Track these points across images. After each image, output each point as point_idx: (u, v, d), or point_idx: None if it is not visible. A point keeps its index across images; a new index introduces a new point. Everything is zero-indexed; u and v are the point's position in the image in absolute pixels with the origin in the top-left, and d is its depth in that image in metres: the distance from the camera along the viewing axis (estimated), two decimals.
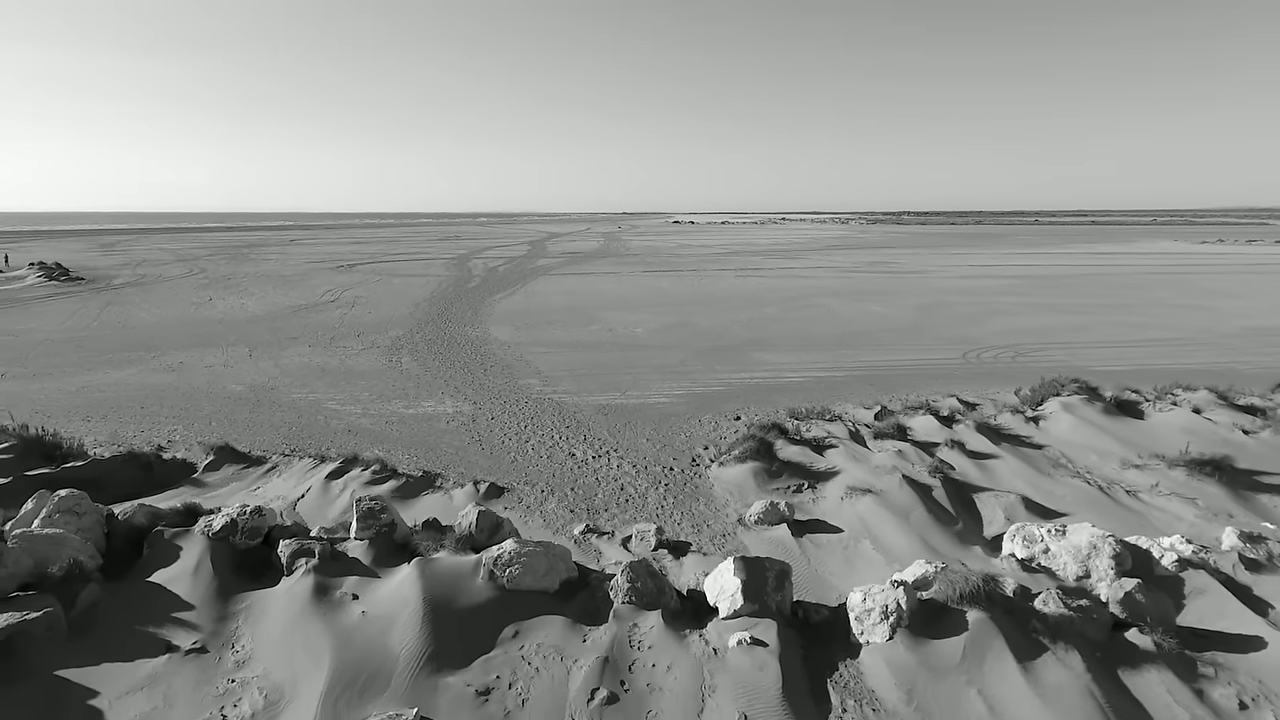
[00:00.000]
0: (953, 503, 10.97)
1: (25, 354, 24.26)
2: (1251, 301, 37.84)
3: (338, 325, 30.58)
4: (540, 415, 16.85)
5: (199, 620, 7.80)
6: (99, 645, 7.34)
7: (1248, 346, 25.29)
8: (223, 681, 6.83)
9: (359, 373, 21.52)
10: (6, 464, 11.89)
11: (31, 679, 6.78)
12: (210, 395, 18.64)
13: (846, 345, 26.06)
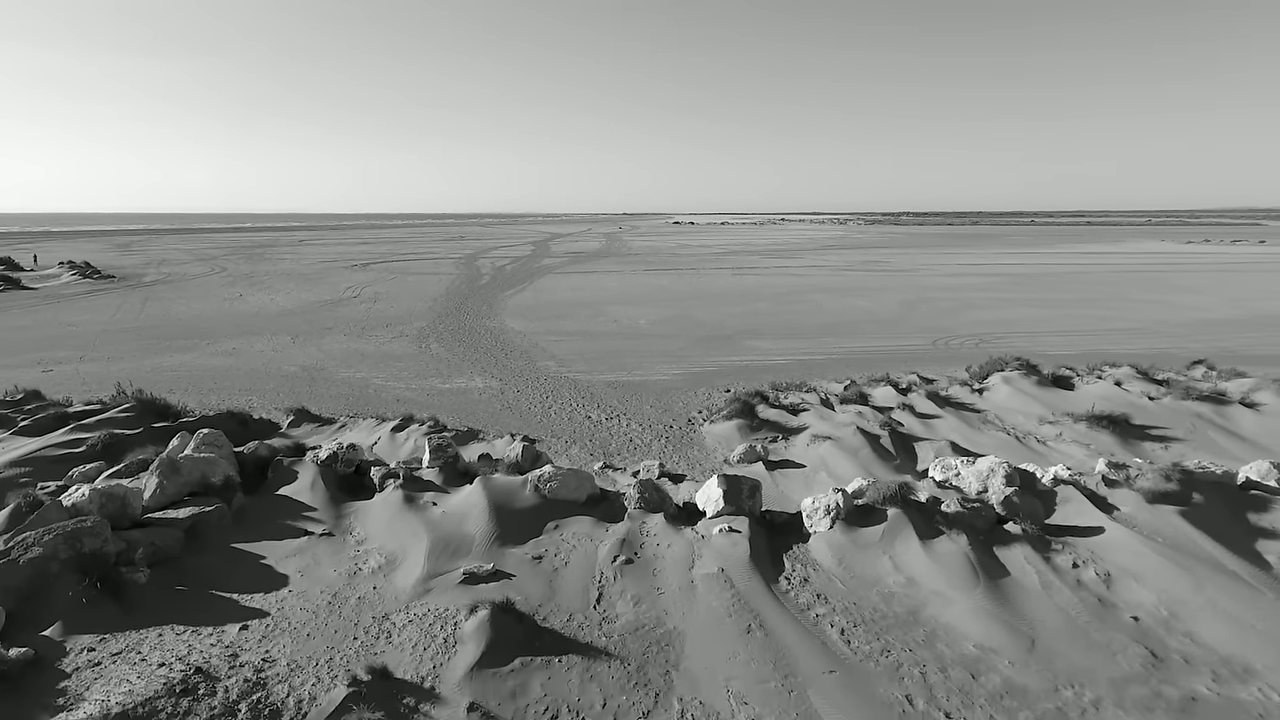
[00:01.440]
0: (895, 447, 13.75)
1: (91, 342, 27.03)
2: (1210, 297, 40.60)
3: (365, 317, 33.35)
4: (558, 389, 19.62)
5: (322, 518, 10.57)
6: (254, 532, 10.11)
7: (1191, 335, 28.04)
8: (351, 550, 9.61)
9: (395, 356, 24.30)
10: (130, 420, 14.65)
11: (211, 550, 9.55)
12: (270, 374, 21.40)
13: (830, 334, 28.83)
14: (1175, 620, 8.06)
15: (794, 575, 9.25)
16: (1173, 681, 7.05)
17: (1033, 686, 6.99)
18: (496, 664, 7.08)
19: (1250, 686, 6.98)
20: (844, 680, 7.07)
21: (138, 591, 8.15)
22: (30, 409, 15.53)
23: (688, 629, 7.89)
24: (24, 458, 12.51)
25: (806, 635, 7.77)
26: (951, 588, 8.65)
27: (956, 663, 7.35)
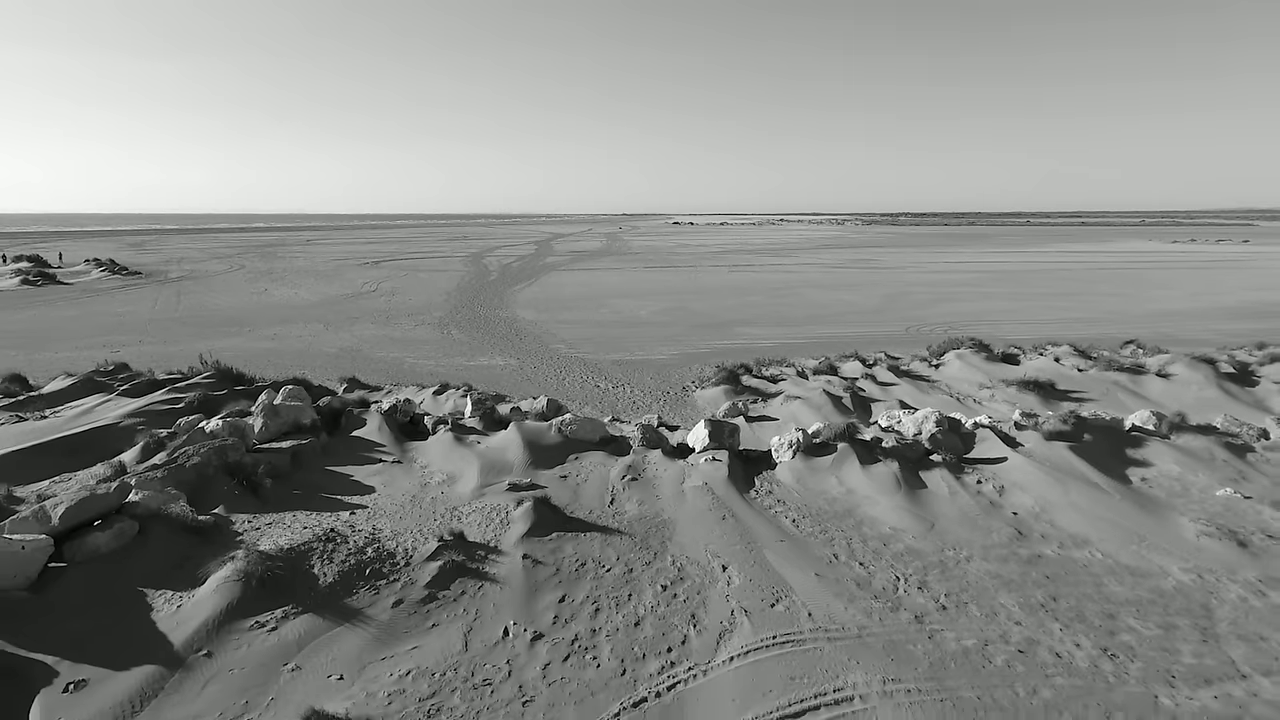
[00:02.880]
0: (854, 405, 16.52)
1: (143, 329, 29.78)
2: (1175, 291, 43.36)
3: (387, 309, 36.10)
4: (570, 365, 22.38)
5: (390, 452, 13.33)
6: (339, 460, 12.87)
7: (1143, 324, 30.78)
8: (418, 472, 12.36)
9: (421, 340, 27.05)
10: (213, 385, 17.39)
11: (310, 471, 12.30)
12: (313, 354, 24.15)
13: (814, 322, 31.58)
14: (1043, 513, 10.83)
15: (761, 489, 12.00)
16: (1028, 547, 9.82)
17: (926, 550, 9.74)
18: (539, 534, 9.83)
19: (1084, 551, 9.74)
20: (790, 546, 9.83)
21: (267, 492, 10.92)
22: (123, 377, 18.28)
23: (678, 518, 10.63)
24: (136, 411, 15.27)
25: (766, 522, 10.53)
26: (879, 494, 11.41)
27: (874, 537, 10.11)
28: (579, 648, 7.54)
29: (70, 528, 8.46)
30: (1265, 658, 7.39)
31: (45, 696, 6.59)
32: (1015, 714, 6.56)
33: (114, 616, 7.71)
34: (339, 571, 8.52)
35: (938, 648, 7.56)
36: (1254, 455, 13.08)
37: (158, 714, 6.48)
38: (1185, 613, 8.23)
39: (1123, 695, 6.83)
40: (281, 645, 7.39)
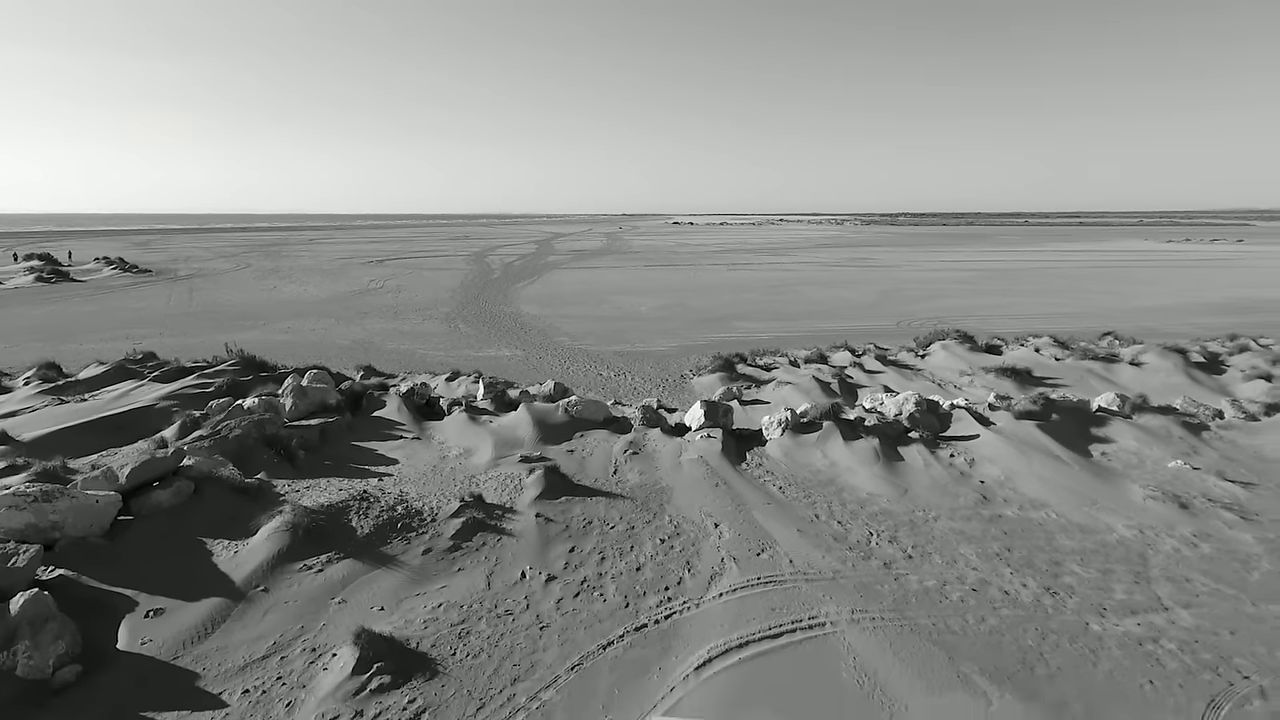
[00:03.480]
0: (842, 390, 17.59)
1: (161, 322, 30.85)
2: (1161, 288, 44.44)
3: (394, 304, 37.17)
4: (574, 356, 23.45)
5: (409, 430, 14.40)
6: (363, 436, 13.93)
7: (1127, 318, 31.86)
8: (437, 446, 13.43)
9: (430, 334, 28.12)
10: (239, 371, 18.46)
11: (338, 445, 13.37)
12: (328, 346, 25.23)
13: (809, 317, 32.66)
14: (1008, 481, 11.91)
15: (751, 462, 13.07)
16: (990, 509, 10.90)
17: (898, 511, 10.82)
18: (550, 497, 10.90)
19: (1041, 512, 10.82)
20: (776, 508, 10.90)
21: (301, 462, 11.99)
22: (153, 365, 19.35)
23: (676, 485, 11.70)
24: (170, 394, 16.34)
25: (755, 488, 11.61)
26: (859, 465, 12.48)
27: (852, 501, 11.19)
28: (587, 587, 8.61)
29: (134, 486, 9.53)
30: (1188, 595, 8.47)
31: (130, 621, 7.66)
32: (964, 636, 7.63)
33: (179, 560, 8.79)
34: (374, 525, 9.60)
35: (901, 587, 8.63)
36: (1208, 433, 14.16)
37: (228, 635, 7.56)
38: (1123, 561, 9.31)
39: (1058, 622, 7.90)
40: (328, 584, 8.47)
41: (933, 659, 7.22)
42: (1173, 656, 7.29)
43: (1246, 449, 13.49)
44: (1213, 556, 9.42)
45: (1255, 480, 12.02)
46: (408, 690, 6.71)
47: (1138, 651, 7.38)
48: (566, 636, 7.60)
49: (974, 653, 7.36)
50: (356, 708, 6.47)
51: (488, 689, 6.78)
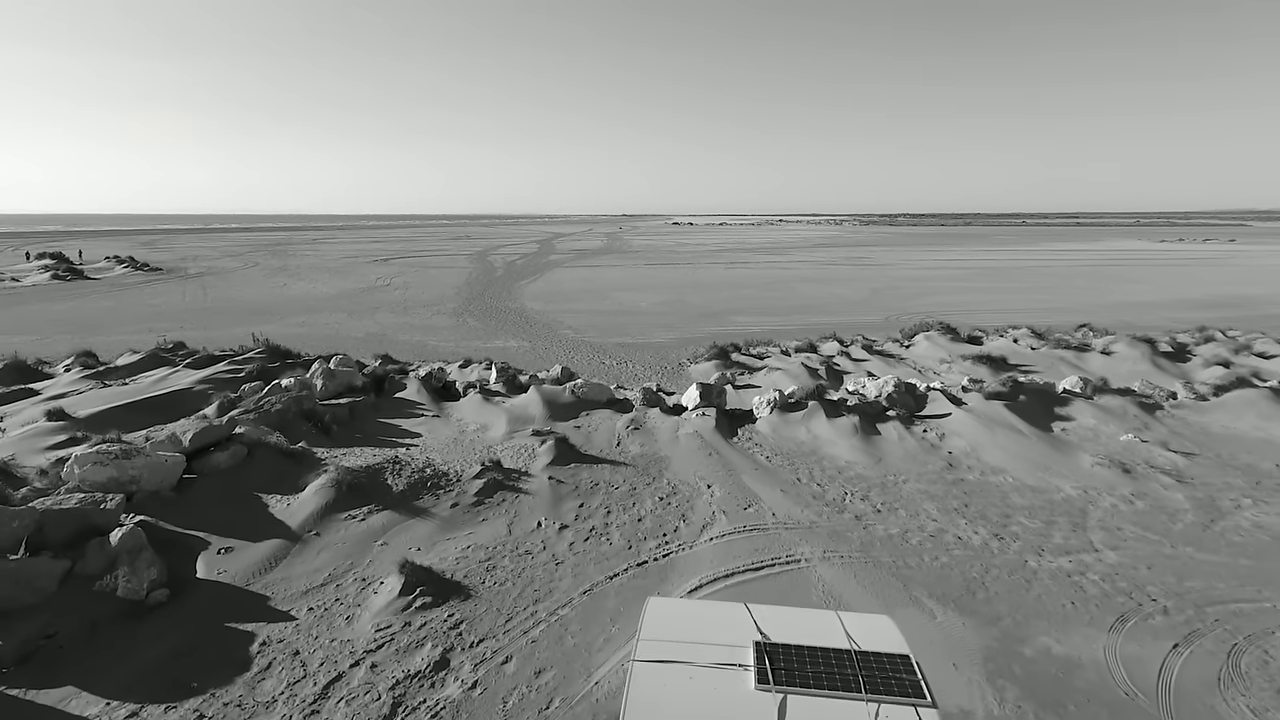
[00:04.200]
0: (829, 376, 18.88)
1: (179, 317, 32.12)
2: (1147, 285, 45.73)
3: (402, 300, 38.45)
4: (578, 346, 24.74)
5: (429, 409, 15.68)
6: (387, 414, 15.21)
7: (1107, 313, 33.14)
8: (455, 423, 14.72)
9: (439, 327, 29.40)
10: (265, 358, 19.74)
11: (365, 422, 14.64)
12: (342, 338, 26.50)
13: (802, 312, 33.93)
14: (973, 451, 13.18)
15: (742, 436, 14.34)
16: (954, 474, 12.18)
17: (872, 476, 12.10)
18: (560, 464, 12.18)
19: (999, 476, 12.10)
20: (763, 473, 12.18)
21: (335, 434, 13.28)
22: (184, 354, 20.63)
23: (673, 455, 12.98)
24: (205, 378, 17.62)
25: (745, 457, 12.89)
26: (840, 438, 13.76)
27: (831, 468, 12.46)
28: (595, 534, 9.89)
29: (196, 449, 10.81)
30: (1117, 539, 9.76)
31: (205, 557, 8.94)
32: (919, 570, 8.92)
33: (240, 509, 10.07)
34: (407, 483, 10.89)
35: (869, 534, 9.92)
36: (1161, 412, 15.44)
37: (289, 569, 8.84)
38: (1066, 514, 10.59)
39: (1001, 560, 9.19)
40: (370, 530, 9.76)
41: (890, 586, 8.51)
42: (1094, 585, 8.58)
43: (1195, 425, 14.77)
44: (1145, 511, 10.70)
45: (1197, 451, 13.31)
46: (446, 608, 7.99)
47: (1065, 581, 8.67)
48: (578, 570, 8.89)
49: (926, 582, 8.65)
50: (406, 620, 7.76)
51: (514, 607, 8.06)
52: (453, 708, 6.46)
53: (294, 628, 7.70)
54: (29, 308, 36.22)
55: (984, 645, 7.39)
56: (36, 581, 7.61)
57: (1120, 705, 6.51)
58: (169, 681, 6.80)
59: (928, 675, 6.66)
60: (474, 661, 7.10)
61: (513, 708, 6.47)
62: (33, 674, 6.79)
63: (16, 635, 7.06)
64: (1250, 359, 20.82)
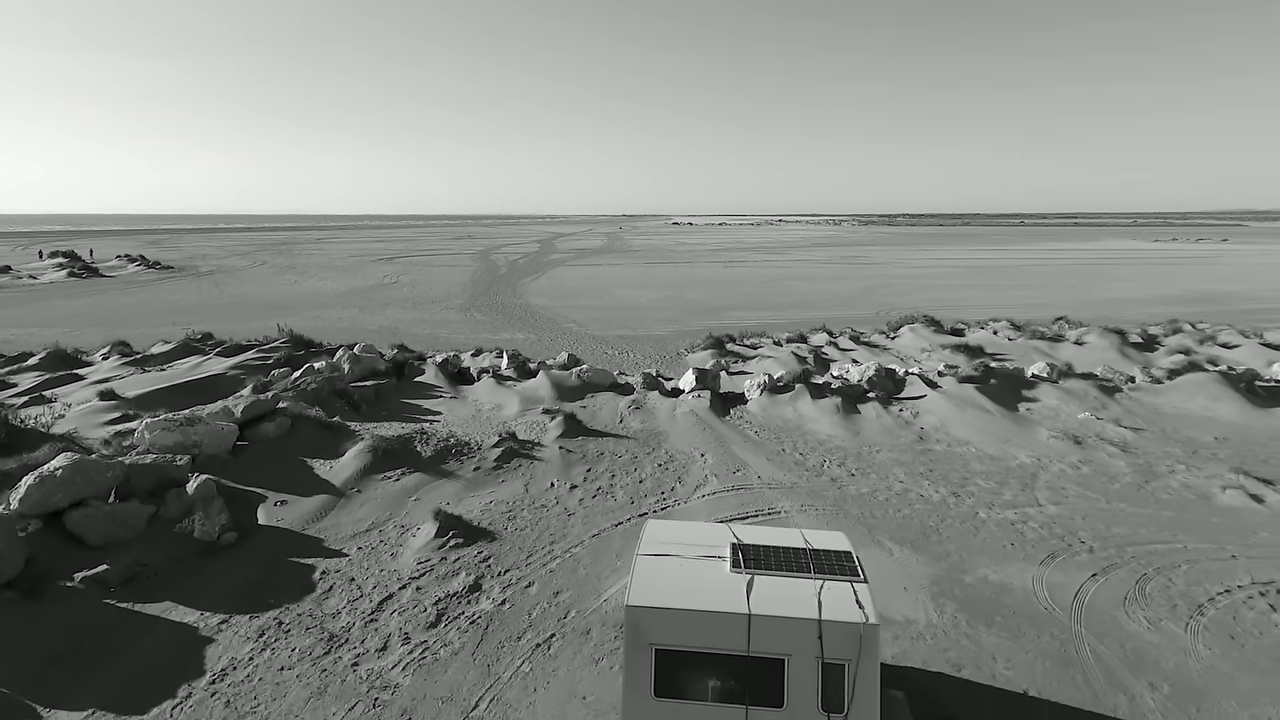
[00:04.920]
0: (816, 364, 20.25)
1: (198, 311, 33.48)
2: (1131, 283, 47.11)
3: (411, 297, 39.81)
4: (581, 339, 26.11)
5: (447, 391, 17.04)
6: (409, 395, 16.57)
7: (1089, 308, 34.50)
8: (471, 404, 16.09)
9: (448, 320, 30.78)
10: (290, 347, 21.09)
11: (389, 403, 16.01)
12: (357, 331, 27.85)
13: (796, 307, 35.30)
14: (943, 427, 14.54)
15: (734, 415, 15.68)
16: (924, 445, 13.53)
17: (849, 447, 13.46)
18: (569, 436, 13.54)
19: (964, 447, 13.45)
20: (751, 445, 13.54)
21: (363, 411, 14.63)
22: (213, 343, 22.00)
23: (671, 431, 14.33)
24: (236, 365, 18.98)
25: (735, 432, 14.25)
26: (822, 416, 15.11)
27: (813, 441, 13.82)
28: (602, 492, 11.26)
29: (247, 420, 12.17)
30: (1059, 497, 11.12)
31: (264, 508, 10.31)
32: (883, 519, 10.28)
33: (289, 471, 11.43)
34: (434, 450, 12.25)
35: (842, 492, 11.29)
36: (1120, 394, 16.80)
37: (337, 518, 10.20)
38: (1018, 477, 11.95)
39: (955, 512, 10.55)
40: (404, 488, 11.12)
41: (856, 531, 9.87)
42: (1033, 530, 9.94)
43: (1149, 405, 16.13)
44: (1088, 475, 12.07)
45: (1145, 426, 14.68)
46: (475, 548, 9.35)
47: (1009, 528, 10.03)
48: (587, 519, 10.25)
49: (888, 528, 10.01)
50: (442, 555, 9.12)
51: (533, 546, 9.42)
52: (486, 618, 7.82)
53: (347, 562, 9.06)
54: (51, 303, 37.58)
55: (932, 575, 8.75)
56: (129, 521, 8.97)
57: (1039, 617, 7.87)
58: (248, 599, 8.16)
59: (881, 598, 8.10)
60: (502, 585, 8.47)
61: (536, 617, 7.83)
62: (135, 593, 8.15)
63: (119, 562, 8.42)
64: (1213, 349, 22.18)
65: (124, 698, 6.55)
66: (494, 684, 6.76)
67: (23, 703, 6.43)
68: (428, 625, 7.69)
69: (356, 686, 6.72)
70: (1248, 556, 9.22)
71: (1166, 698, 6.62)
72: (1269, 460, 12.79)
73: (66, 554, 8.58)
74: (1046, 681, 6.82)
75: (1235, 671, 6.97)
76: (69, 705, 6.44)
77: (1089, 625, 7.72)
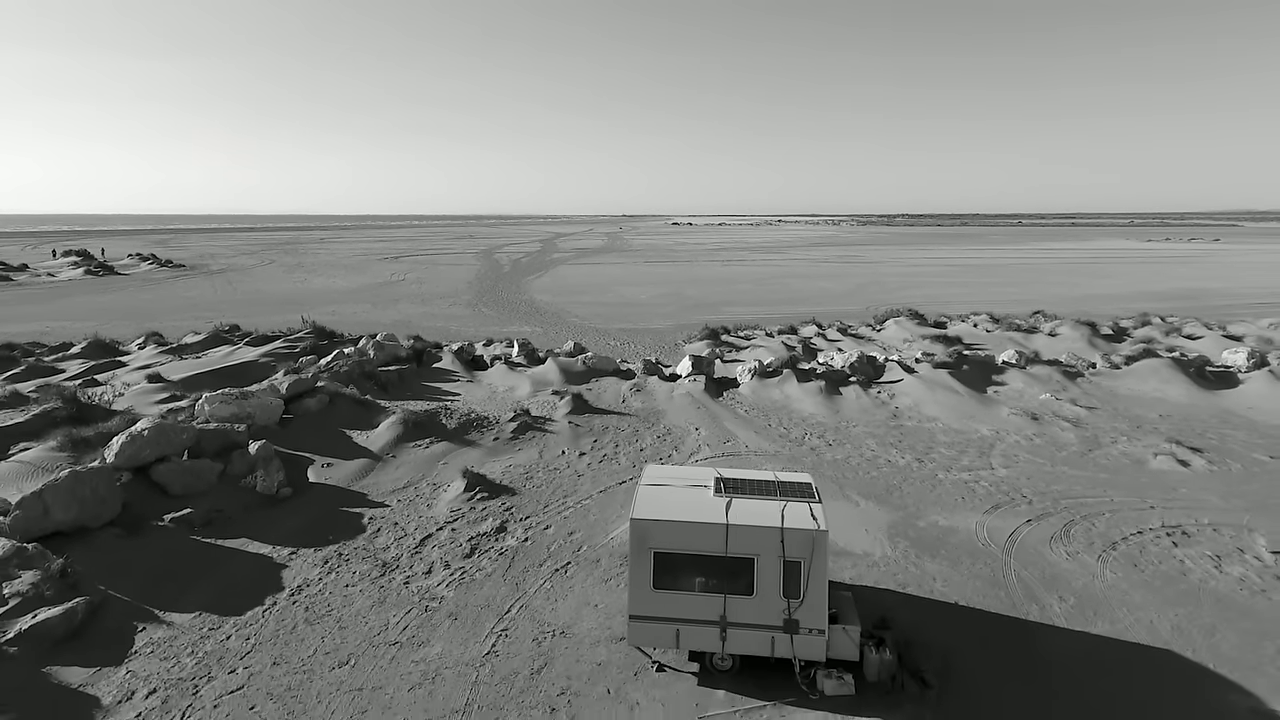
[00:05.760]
0: (804, 353, 21.76)
1: (216, 307, 34.96)
2: (1115, 280, 48.63)
3: (420, 293, 41.30)
4: (585, 331, 27.61)
5: (463, 375, 18.55)
6: (428, 379, 18.06)
7: (1070, 304, 35.99)
8: (486, 386, 17.59)
9: (458, 315, 32.27)
10: (312, 337, 22.59)
11: (411, 386, 17.50)
12: (373, 324, 29.34)
13: (791, 303, 36.79)
14: (916, 407, 16.04)
15: (727, 397, 17.18)
16: (896, 422, 15.03)
17: (829, 423, 14.96)
18: (577, 413, 15.04)
19: (932, 423, 14.96)
20: (741, 420, 15.05)
21: (390, 391, 16.13)
22: (240, 334, 23.48)
23: (669, 409, 15.83)
24: (266, 353, 20.47)
25: (727, 410, 15.75)
26: (806, 397, 16.61)
27: (797, 417, 15.33)
28: (607, 458, 12.75)
29: (290, 396, 13.66)
30: (1011, 462, 12.61)
31: (312, 469, 11.81)
32: (853, 479, 11.78)
33: (331, 439, 12.93)
34: (457, 423, 13.75)
35: (819, 458, 12.79)
36: (1081, 379, 18.29)
37: (377, 477, 11.70)
38: (977, 447, 13.45)
39: (918, 474, 12.05)
40: (433, 454, 12.62)
41: (829, 488, 11.36)
42: (983, 488, 11.44)
43: (1105, 388, 17.62)
44: (1040, 445, 13.56)
45: (1099, 405, 16.17)
46: (499, 500, 10.85)
47: (962, 486, 11.53)
48: (595, 479, 11.75)
49: (856, 485, 11.51)
50: (470, 505, 10.62)
51: (549, 499, 10.92)
52: (512, 551, 9.32)
53: (390, 510, 10.56)
54: (75, 299, 39.07)
55: (890, 521, 10.26)
56: (203, 475, 10.47)
57: (977, 551, 9.36)
58: (311, 537, 9.66)
59: (844, 537, 9.61)
60: (524, 528, 9.97)
61: (554, 550, 9.33)
62: (215, 531, 9.65)
63: (199, 508, 9.92)
64: (1178, 339, 23.68)
65: (222, 604, 8.05)
66: (522, 596, 8.26)
67: (141, 608, 7.93)
68: (464, 556, 9.19)
69: (409, 598, 8.22)
70: (1164, 507, 10.72)
71: (1071, 607, 8.11)
72: (1204, 434, 14.29)
73: (153, 500, 10.07)
74: (975, 596, 8.32)
75: (1131, 589, 8.47)
76: (178, 610, 7.94)
77: (1017, 557, 9.22)
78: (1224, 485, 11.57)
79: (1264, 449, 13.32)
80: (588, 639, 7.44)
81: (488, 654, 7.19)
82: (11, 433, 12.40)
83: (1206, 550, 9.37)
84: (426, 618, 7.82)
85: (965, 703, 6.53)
